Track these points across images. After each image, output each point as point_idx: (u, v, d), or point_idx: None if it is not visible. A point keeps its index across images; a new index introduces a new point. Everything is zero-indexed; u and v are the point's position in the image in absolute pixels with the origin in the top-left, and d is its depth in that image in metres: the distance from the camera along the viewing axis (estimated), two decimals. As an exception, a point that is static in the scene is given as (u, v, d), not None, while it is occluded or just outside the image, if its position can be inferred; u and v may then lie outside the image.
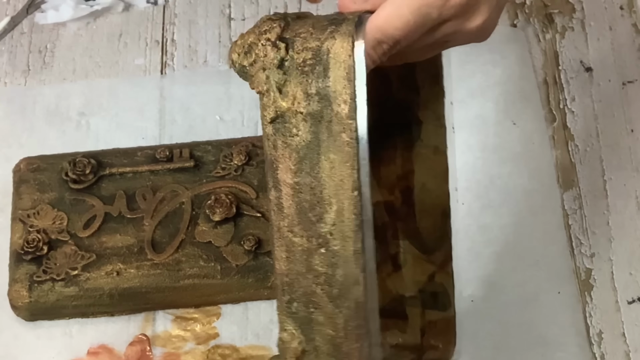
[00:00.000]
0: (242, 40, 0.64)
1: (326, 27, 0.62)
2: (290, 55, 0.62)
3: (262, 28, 0.63)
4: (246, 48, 0.63)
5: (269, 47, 0.63)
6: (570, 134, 0.94)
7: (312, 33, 0.62)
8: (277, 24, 0.63)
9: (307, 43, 0.62)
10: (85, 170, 0.90)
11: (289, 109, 0.64)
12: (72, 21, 1.02)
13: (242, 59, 0.64)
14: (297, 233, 0.65)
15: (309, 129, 0.63)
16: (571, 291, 0.86)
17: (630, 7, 1.00)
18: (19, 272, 0.86)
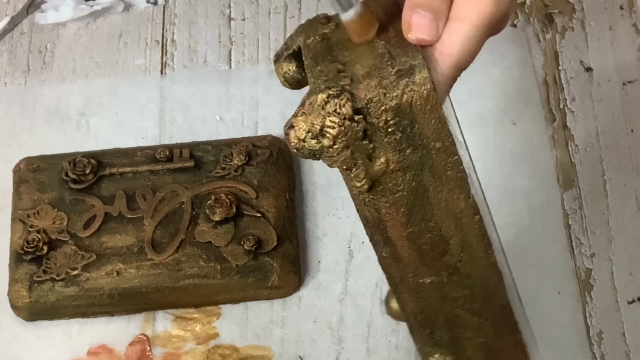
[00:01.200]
0: (306, 124, 0.59)
1: (398, 82, 0.59)
2: (370, 122, 0.59)
3: (327, 108, 0.59)
4: (316, 131, 0.59)
5: (347, 124, 0.59)
6: (570, 134, 0.94)
7: (385, 93, 0.59)
8: (345, 99, 0.59)
9: (384, 105, 0.59)
10: (85, 170, 0.90)
11: (384, 172, 0.61)
12: (72, 21, 1.02)
13: (316, 144, 0.60)
14: (423, 274, 0.65)
15: (410, 180, 0.61)
16: (571, 291, 0.86)
17: (630, 7, 1.00)
18: (19, 272, 0.86)
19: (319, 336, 0.85)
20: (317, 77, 0.61)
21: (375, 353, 0.84)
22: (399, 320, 0.74)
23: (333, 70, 0.61)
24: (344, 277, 0.87)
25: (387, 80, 0.59)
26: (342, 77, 0.60)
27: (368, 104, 0.60)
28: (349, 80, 0.60)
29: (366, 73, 0.60)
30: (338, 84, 0.59)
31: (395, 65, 0.60)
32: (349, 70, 0.60)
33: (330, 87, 0.59)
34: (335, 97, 0.59)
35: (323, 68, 0.61)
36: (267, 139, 0.92)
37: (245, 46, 1.00)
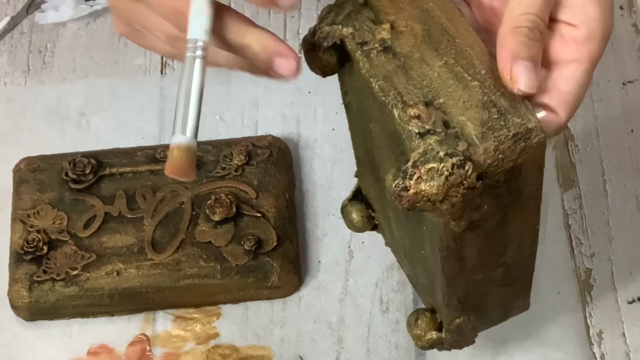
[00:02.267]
0: (425, 193, 0.60)
1: (515, 147, 0.60)
2: (485, 183, 0.61)
3: (451, 179, 0.59)
4: (438, 199, 0.60)
5: (469, 192, 0.60)
6: (570, 134, 0.94)
7: (503, 158, 0.60)
8: (471, 170, 0.59)
9: (500, 168, 0.60)
10: (85, 170, 0.90)
11: (481, 216, 0.63)
12: (72, 21, 1.02)
13: (430, 206, 0.60)
14: (478, 272, 0.69)
15: (498, 216, 0.64)
16: (571, 291, 0.86)
17: (630, 7, 1.00)
18: (19, 272, 0.86)
19: (319, 336, 0.85)
20: (412, 124, 0.61)
21: (375, 353, 0.84)
22: (357, 231, 0.76)
23: (439, 123, 0.60)
24: (344, 277, 0.87)
25: (505, 146, 0.60)
26: (455, 138, 0.60)
27: (487, 169, 0.60)
28: (465, 144, 0.60)
29: (481, 135, 0.60)
30: (456, 149, 0.59)
31: (509, 125, 0.60)
32: (457, 124, 0.60)
33: (450, 154, 0.59)
34: (460, 167, 0.59)
35: (417, 111, 0.61)
36: (267, 139, 0.92)
37: (245, 46, 1.00)
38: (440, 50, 0.63)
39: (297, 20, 1.01)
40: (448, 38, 0.63)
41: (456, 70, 0.62)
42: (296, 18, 1.01)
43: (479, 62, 0.62)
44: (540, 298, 0.85)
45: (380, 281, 0.87)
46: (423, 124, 0.60)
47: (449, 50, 0.62)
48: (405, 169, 0.60)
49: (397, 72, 0.62)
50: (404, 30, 0.64)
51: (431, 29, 0.63)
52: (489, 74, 0.61)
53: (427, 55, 0.63)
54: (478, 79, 0.61)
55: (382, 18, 0.64)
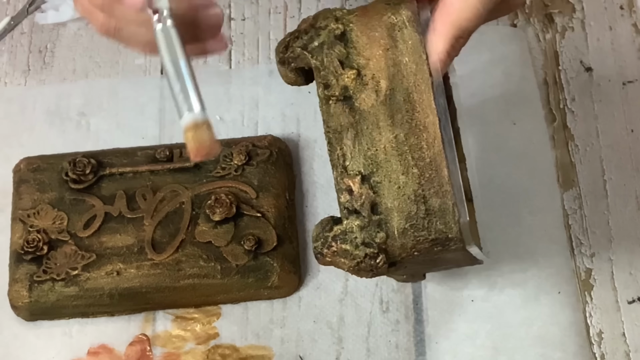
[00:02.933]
0: (336, 263, 0.65)
1: (432, 248, 0.63)
2: (400, 265, 0.64)
3: (362, 266, 0.64)
4: (349, 271, 0.65)
5: (378, 272, 0.64)
6: (570, 134, 0.94)
7: (419, 255, 0.63)
8: (382, 262, 0.63)
9: (414, 257, 0.64)
10: (85, 170, 0.90)
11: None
12: (72, 21, 1.02)
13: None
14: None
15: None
16: (571, 291, 0.86)
17: (630, 7, 1.00)
18: (19, 272, 0.86)
19: (319, 336, 0.85)
20: (343, 197, 0.63)
21: (375, 353, 0.84)
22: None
23: (366, 207, 0.62)
24: (344, 277, 0.87)
25: (422, 246, 0.63)
26: (377, 227, 0.62)
27: (401, 260, 0.63)
28: (384, 236, 0.63)
29: (402, 231, 0.63)
30: (374, 240, 0.62)
31: (431, 229, 0.62)
32: (384, 211, 0.62)
33: (366, 243, 0.62)
34: (372, 258, 0.63)
35: (351, 184, 0.63)
36: (267, 139, 0.92)
37: (245, 46, 1.00)
38: (396, 120, 0.63)
39: (297, 21, 1.01)
40: (407, 108, 0.63)
41: (403, 149, 0.63)
42: (296, 18, 1.01)
43: (426, 148, 0.62)
44: (540, 298, 0.86)
45: (380, 281, 0.87)
46: (352, 203, 0.63)
47: (404, 123, 0.63)
48: (326, 237, 0.64)
49: (348, 131, 0.64)
50: (369, 83, 0.64)
51: (396, 90, 0.64)
52: (431, 165, 0.62)
53: (382, 121, 0.63)
54: (419, 167, 0.62)
55: (353, 60, 0.65)
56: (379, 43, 0.64)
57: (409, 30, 0.64)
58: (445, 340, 0.84)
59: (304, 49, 0.66)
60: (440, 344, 0.84)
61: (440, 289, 0.86)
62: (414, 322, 0.85)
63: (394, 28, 0.64)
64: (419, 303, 0.86)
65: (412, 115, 0.63)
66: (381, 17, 0.65)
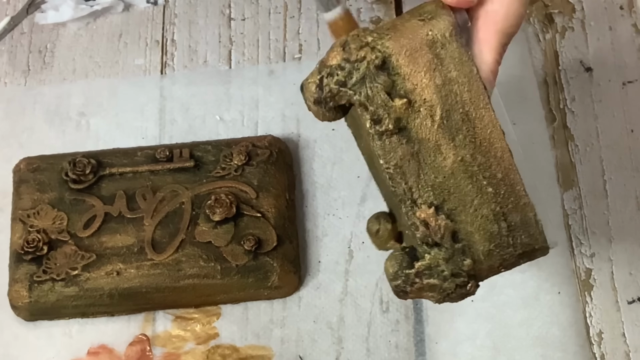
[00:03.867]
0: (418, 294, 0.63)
1: (518, 261, 0.62)
2: None
3: (452, 296, 0.62)
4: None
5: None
6: (570, 134, 0.94)
7: (504, 269, 0.62)
8: (471, 287, 0.62)
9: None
10: (85, 170, 0.90)
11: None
12: (72, 21, 1.02)
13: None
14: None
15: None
16: (571, 291, 0.86)
17: (630, 7, 1.00)
18: (19, 272, 0.86)
19: (319, 336, 0.85)
20: (420, 232, 0.60)
21: (375, 353, 0.84)
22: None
23: (447, 238, 0.60)
24: (344, 277, 0.87)
25: (509, 262, 0.61)
26: (462, 254, 0.60)
27: (488, 277, 0.62)
28: (471, 262, 0.60)
29: (487, 252, 0.60)
30: (461, 269, 0.60)
31: (517, 244, 0.60)
32: (465, 237, 0.60)
33: (455, 274, 0.60)
34: (462, 287, 0.61)
35: (425, 216, 0.60)
36: (267, 139, 0.92)
37: (245, 46, 1.00)
38: (457, 142, 0.61)
39: (297, 21, 1.01)
40: (468, 126, 0.61)
41: (472, 170, 0.60)
42: (296, 18, 1.01)
43: (496, 164, 0.60)
44: (540, 298, 0.85)
45: (380, 281, 0.87)
46: (429, 236, 0.60)
47: (468, 143, 0.60)
48: (407, 274, 0.61)
49: (409, 162, 0.60)
50: (421, 109, 0.61)
51: (451, 110, 0.61)
52: (504, 181, 0.60)
53: (443, 143, 0.61)
54: (493, 185, 0.60)
55: (400, 88, 0.61)
56: (423, 64, 0.61)
57: (452, 45, 0.61)
58: (445, 340, 0.84)
59: (342, 86, 0.61)
60: (440, 344, 0.84)
61: (440, 289, 0.86)
62: (414, 322, 0.85)
63: (436, 45, 0.61)
64: (419, 303, 0.86)
65: (474, 133, 0.60)
66: (418, 36, 0.61)
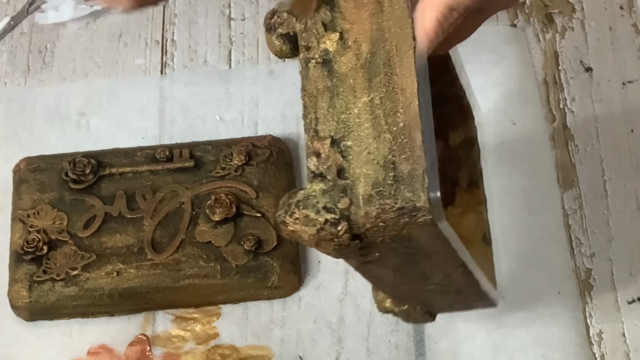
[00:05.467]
0: (299, 232, 0.60)
1: (399, 220, 0.59)
2: (366, 242, 0.60)
3: (322, 234, 0.60)
4: (312, 242, 0.61)
5: (342, 247, 0.60)
6: (570, 134, 0.94)
7: (385, 227, 0.60)
8: (343, 230, 0.59)
9: (381, 234, 0.60)
10: (85, 170, 0.90)
11: (376, 258, 0.63)
12: (72, 21, 1.02)
13: (310, 241, 0.61)
14: (404, 286, 0.69)
15: (399, 259, 0.63)
16: (571, 291, 0.86)
17: (630, 7, 1.00)
18: (19, 272, 0.86)
19: (319, 336, 0.85)
20: (311, 160, 0.60)
21: (375, 353, 0.84)
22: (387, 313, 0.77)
23: (333, 170, 0.59)
24: (344, 277, 0.87)
25: (387, 216, 0.59)
26: (342, 192, 0.59)
27: (366, 231, 0.60)
28: (348, 202, 0.59)
29: (367, 197, 0.59)
30: (336, 205, 0.59)
31: (398, 197, 0.59)
32: (351, 177, 0.59)
33: (328, 208, 0.59)
34: (333, 225, 0.59)
35: (319, 148, 0.60)
36: (267, 139, 0.92)
37: (245, 46, 1.00)
38: (373, 84, 0.61)
39: (297, 20, 1.01)
40: (386, 71, 0.61)
41: (377, 113, 0.60)
42: (296, 18, 1.01)
43: (402, 112, 0.60)
44: (540, 298, 0.86)
45: (380, 281, 0.87)
46: (319, 165, 0.60)
47: (381, 87, 0.61)
48: (289, 204, 0.60)
49: (324, 94, 0.61)
50: (350, 46, 0.62)
51: (376, 53, 0.62)
52: (404, 130, 0.60)
53: (359, 84, 0.61)
54: (392, 132, 0.60)
55: (337, 24, 0.63)
56: (365, 8, 0.62)
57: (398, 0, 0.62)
58: (445, 340, 0.84)
59: (290, 13, 0.63)
60: (440, 344, 0.84)
61: (440, 289, 0.86)
62: (414, 322, 0.85)
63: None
64: (419, 303, 0.86)
65: (390, 79, 0.60)
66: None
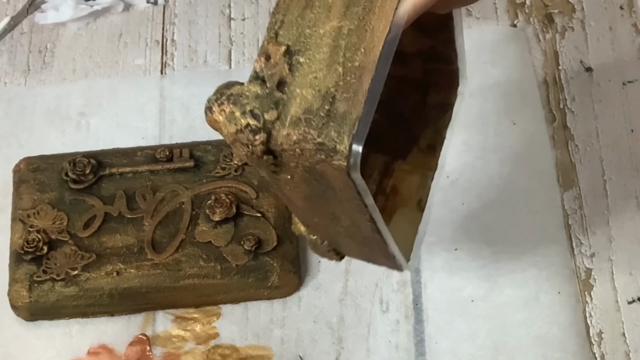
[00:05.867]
0: (220, 123, 0.60)
1: (315, 154, 0.58)
2: (279, 161, 0.60)
3: (240, 137, 0.59)
4: (229, 138, 0.60)
5: (254, 156, 0.60)
6: (570, 134, 0.94)
7: (300, 154, 0.59)
8: (260, 141, 0.59)
9: (296, 159, 0.59)
10: (85, 170, 0.90)
11: (286, 181, 0.62)
12: (72, 21, 1.02)
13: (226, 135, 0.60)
14: (311, 218, 0.67)
15: (311, 189, 0.62)
16: (571, 291, 0.86)
17: (630, 7, 1.00)
18: (19, 272, 0.86)
19: (319, 336, 0.85)
20: (259, 60, 0.58)
21: (375, 353, 0.84)
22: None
23: (274, 79, 0.58)
24: (344, 277, 0.87)
25: (306, 145, 0.58)
26: (274, 104, 0.58)
27: (282, 151, 0.59)
28: (275, 115, 0.58)
29: (295, 120, 0.58)
30: (262, 114, 0.58)
31: (323, 132, 0.58)
32: (289, 93, 0.58)
33: (253, 114, 0.58)
34: (252, 132, 0.58)
35: (271, 51, 0.58)
36: (267, 139, 0.92)
37: (245, 46, 1.00)
38: (349, 12, 0.59)
39: (297, 20, 1.01)
40: (366, 5, 0.59)
41: (340, 42, 0.59)
42: (296, 18, 1.01)
43: (362, 52, 0.58)
44: (540, 298, 0.85)
45: (380, 281, 0.87)
46: (264, 69, 0.59)
47: (354, 19, 0.59)
48: (223, 93, 0.59)
49: (299, 1, 0.60)
50: None
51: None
52: (357, 70, 0.58)
53: (336, 7, 0.60)
54: (345, 67, 0.58)
55: None
56: None
57: None
58: (445, 340, 0.84)
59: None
60: (440, 344, 0.84)
61: (440, 289, 0.86)
62: (414, 322, 0.85)
63: None
64: (419, 303, 0.86)
65: (366, 14, 0.59)
66: None
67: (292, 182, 0.62)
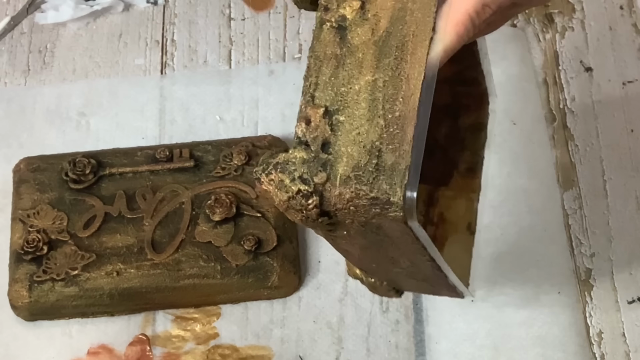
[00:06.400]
0: (271, 193, 0.60)
1: (370, 209, 0.59)
2: (335, 220, 0.60)
3: (292, 203, 0.59)
4: (283, 207, 0.61)
5: (310, 220, 0.60)
6: (570, 134, 0.94)
7: (355, 211, 0.59)
8: (314, 204, 0.59)
9: (351, 217, 0.60)
10: (85, 170, 0.90)
11: (343, 236, 0.63)
12: (72, 21, 1.02)
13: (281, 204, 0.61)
14: (370, 264, 0.68)
15: (366, 240, 0.63)
16: (571, 291, 0.86)
17: (630, 7, 1.00)
18: (19, 272, 0.86)
19: (319, 336, 0.85)
20: (300, 126, 0.59)
21: (375, 353, 0.84)
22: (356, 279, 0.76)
23: (318, 142, 0.59)
24: (344, 277, 0.87)
25: (360, 202, 0.59)
26: (322, 166, 0.59)
27: (336, 211, 0.59)
28: (325, 177, 0.59)
29: (345, 179, 0.59)
30: (313, 178, 0.59)
31: (374, 186, 0.58)
32: (335, 153, 0.59)
33: (303, 179, 0.59)
34: (304, 197, 0.59)
35: (311, 115, 0.59)
36: (267, 139, 0.92)
37: (245, 46, 1.00)
38: (381, 64, 0.60)
39: (297, 21, 1.01)
40: (397, 55, 0.60)
41: (377, 95, 0.59)
42: (296, 18, 1.01)
43: (401, 101, 0.59)
44: (540, 298, 0.85)
45: (380, 281, 0.87)
46: (306, 133, 0.59)
47: (388, 70, 0.60)
48: (269, 163, 0.59)
49: (330, 61, 0.60)
50: (369, 19, 0.61)
51: (393, 34, 0.60)
52: (399, 120, 0.59)
53: (367, 61, 0.60)
54: (386, 119, 0.59)
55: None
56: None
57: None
58: (445, 340, 0.84)
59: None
60: (440, 344, 0.84)
61: (440, 289, 0.86)
62: (414, 322, 0.85)
63: None
64: (419, 303, 0.86)
65: (399, 64, 0.59)
66: None
67: (349, 237, 0.63)
